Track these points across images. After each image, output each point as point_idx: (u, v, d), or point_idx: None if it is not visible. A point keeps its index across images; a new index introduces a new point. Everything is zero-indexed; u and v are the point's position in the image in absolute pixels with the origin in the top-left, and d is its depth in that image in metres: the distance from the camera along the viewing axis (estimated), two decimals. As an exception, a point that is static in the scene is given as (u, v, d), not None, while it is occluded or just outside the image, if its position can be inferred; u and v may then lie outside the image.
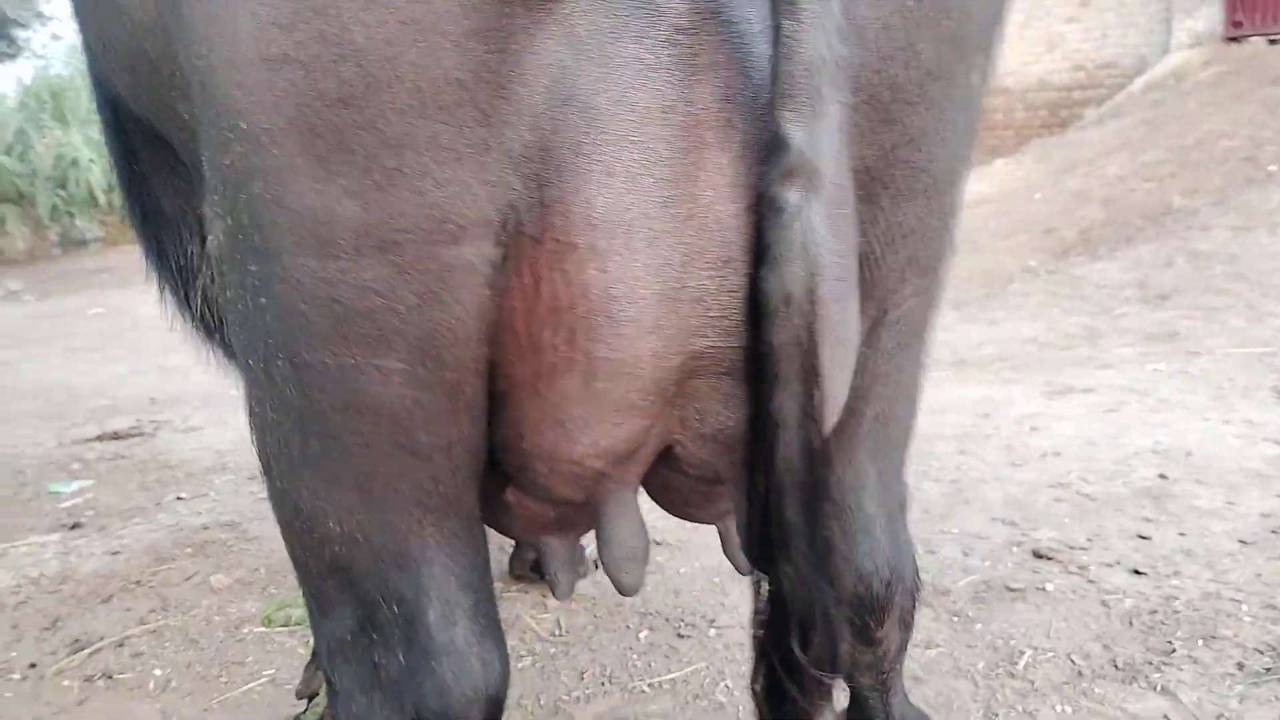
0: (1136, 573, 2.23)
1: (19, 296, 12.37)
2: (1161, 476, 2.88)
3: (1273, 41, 9.66)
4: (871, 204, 0.93)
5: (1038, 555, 2.37)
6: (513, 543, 2.45)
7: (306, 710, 1.77)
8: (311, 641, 1.90)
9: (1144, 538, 2.44)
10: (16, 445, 5.40)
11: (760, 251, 0.82)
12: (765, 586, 0.94)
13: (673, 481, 1.06)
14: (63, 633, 2.33)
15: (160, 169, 1.26)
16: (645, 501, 1.13)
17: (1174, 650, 1.87)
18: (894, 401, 1.07)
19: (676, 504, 1.14)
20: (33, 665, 2.17)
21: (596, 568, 2.48)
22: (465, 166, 0.79)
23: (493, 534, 1.34)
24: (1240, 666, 1.79)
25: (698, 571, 2.42)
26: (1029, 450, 3.24)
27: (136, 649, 2.19)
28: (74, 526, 3.66)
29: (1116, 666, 1.84)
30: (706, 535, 2.74)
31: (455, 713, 0.93)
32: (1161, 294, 5.36)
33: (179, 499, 3.60)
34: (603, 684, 1.90)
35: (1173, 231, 6.30)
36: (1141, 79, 10.40)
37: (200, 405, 5.27)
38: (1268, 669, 1.77)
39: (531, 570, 2.37)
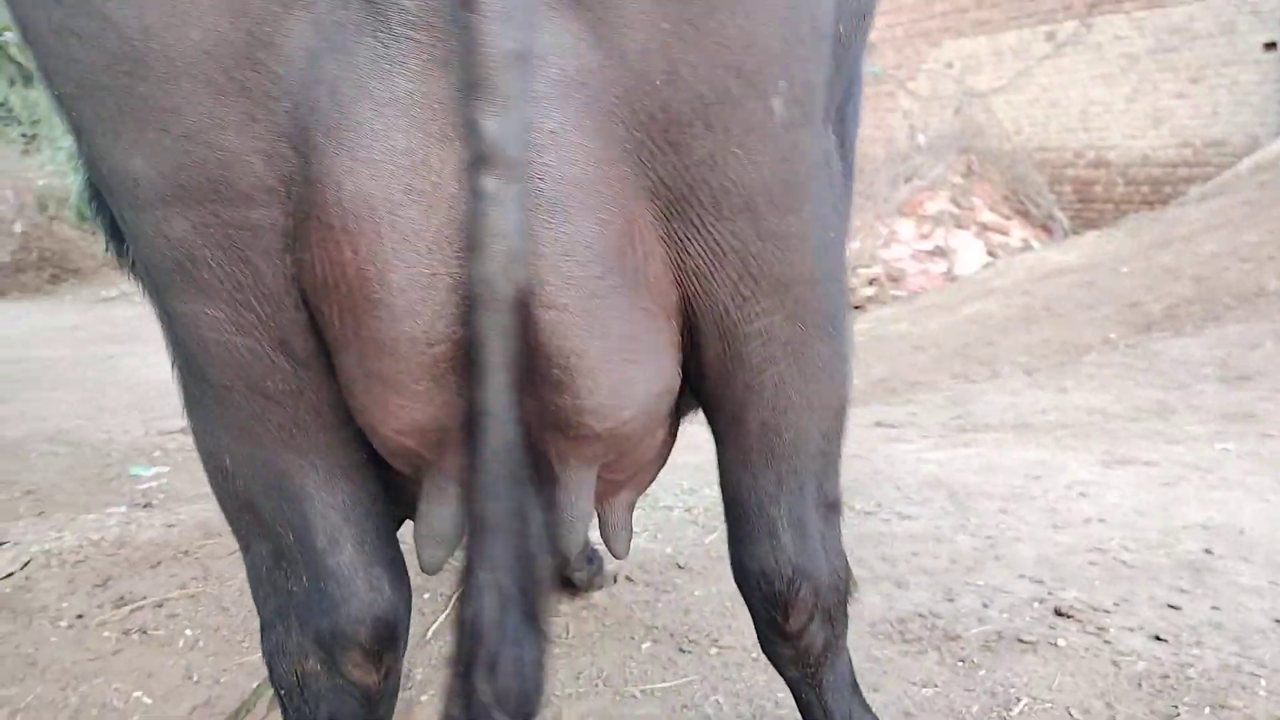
0: (1157, 639, 2.18)
1: (130, 298, 13.11)
2: (1207, 551, 2.79)
3: (1394, 129, 9.28)
4: (684, 220, 0.97)
5: (1059, 613, 2.33)
6: None
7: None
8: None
9: (1174, 607, 2.38)
10: (109, 432, 5.76)
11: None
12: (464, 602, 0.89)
13: None
14: (111, 591, 2.49)
15: None
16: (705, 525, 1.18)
17: (1178, 715, 1.82)
18: (783, 413, 1.11)
19: None
20: (80, 616, 2.33)
21: (614, 581, 2.53)
22: (235, 135, 0.86)
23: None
24: (1244, 737, 1.74)
25: (711, 595, 2.45)
26: (1073, 514, 3.17)
27: (173, 610, 2.33)
28: (145, 506, 3.89)
29: (1115, 724, 1.80)
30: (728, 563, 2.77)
31: (345, 631, 1.01)
32: (1243, 375, 5.17)
33: (241, 486, 3.79)
34: (596, 685, 1.95)
35: (1264, 314, 6.08)
36: (1250, 159, 10.09)
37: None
38: (1271, 741, 1.71)
39: None
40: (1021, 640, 2.16)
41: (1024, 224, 12.38)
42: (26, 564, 2.67)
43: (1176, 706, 1.85)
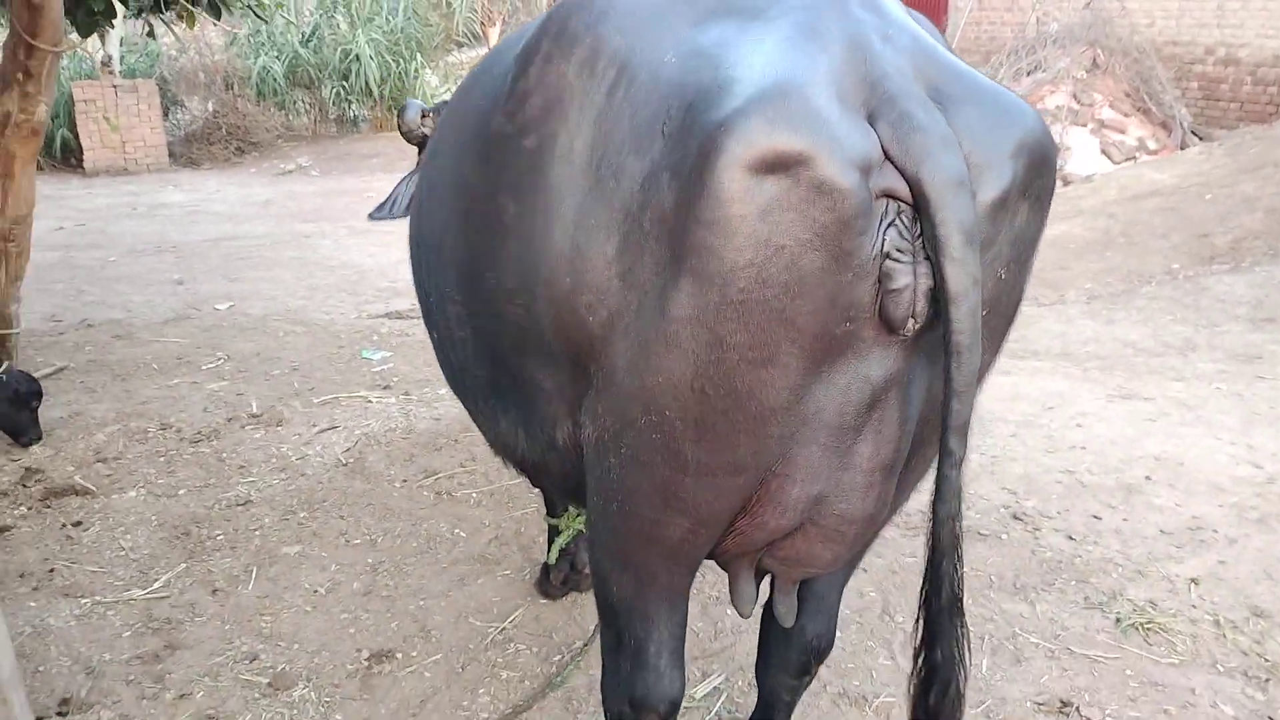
0: (1070, 538, 3.43)
1: (307, 171, 14.83)
2: (1146, 478, 3.95)
3: None
4: None
5: (1015, 517, 3.59)
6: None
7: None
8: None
9: (1096, 518, 3.60)
10: (329, 313, 7.29)
11: None
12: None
13: None
14: (416, 464, 4.02)
15: (543, 367, 1.72)
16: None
17: (1054, 583, 3.11)
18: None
19: None
20: (405, 480, 3.87)
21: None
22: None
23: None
24: (1085, 598, 3.02)
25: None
26: (1064, 442, 4.35)
27: (461, 480, 3.84)
28: (385, 387, 5.39)
29: (1014, 586, 3.10)
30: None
31: (651, 704, 1.74)
32: (1271, 316, 6.04)
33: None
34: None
35: (1318, 254, 6.80)
36: (1373, 73, 10.16)
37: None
38: (1098, 603, 2.99)
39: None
40: (980, 533, 3.45)
41: (1143, 122, 12.63)
42: (356, 444, 4.24)
43: (1055, 579, 3.13)
